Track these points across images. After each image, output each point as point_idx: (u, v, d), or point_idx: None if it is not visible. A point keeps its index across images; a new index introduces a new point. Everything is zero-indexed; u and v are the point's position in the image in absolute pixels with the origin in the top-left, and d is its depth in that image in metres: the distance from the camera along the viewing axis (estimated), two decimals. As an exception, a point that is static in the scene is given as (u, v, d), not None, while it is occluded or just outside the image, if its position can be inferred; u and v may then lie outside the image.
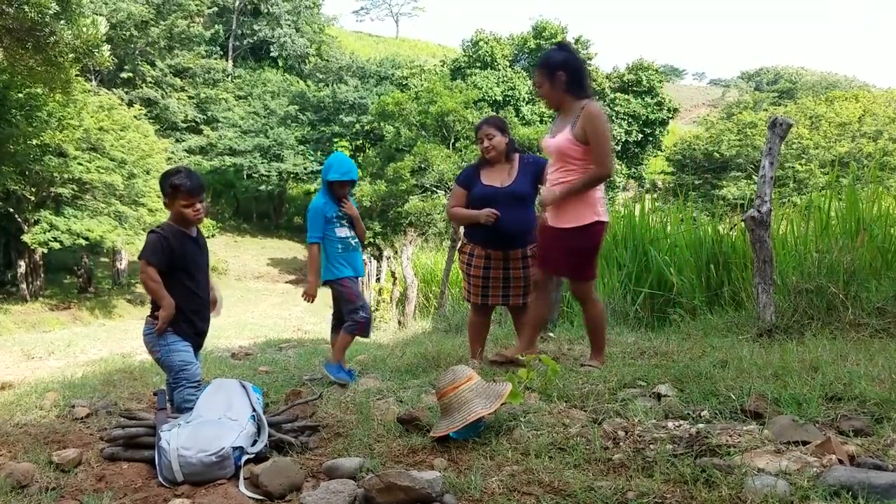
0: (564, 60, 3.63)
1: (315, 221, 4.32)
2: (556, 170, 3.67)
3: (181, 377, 3.29)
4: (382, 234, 31.04)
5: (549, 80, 3.64)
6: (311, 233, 4.34)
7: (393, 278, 14.05)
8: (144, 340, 3.40)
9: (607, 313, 3.88)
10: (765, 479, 1.95)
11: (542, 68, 3.67)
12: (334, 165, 4.37)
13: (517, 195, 4.09)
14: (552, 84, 3.64)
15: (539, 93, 3.77)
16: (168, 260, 3.28)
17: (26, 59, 16.29)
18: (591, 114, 3.50)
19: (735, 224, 6.56)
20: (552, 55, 3.72)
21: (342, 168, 4.35)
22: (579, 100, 3.61)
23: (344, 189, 4.42)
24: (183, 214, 3.35)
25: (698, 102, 75.26)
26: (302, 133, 39.71)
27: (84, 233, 22.26)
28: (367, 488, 2.16)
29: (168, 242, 3.29)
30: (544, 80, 3.66)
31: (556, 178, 3.66)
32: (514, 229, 4.08)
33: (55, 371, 6.83)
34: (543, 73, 3.66)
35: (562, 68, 3.61)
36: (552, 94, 3.67)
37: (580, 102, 3.59)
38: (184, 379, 3.28)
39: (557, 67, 3.62)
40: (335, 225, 4.35)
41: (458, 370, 2.85)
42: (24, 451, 2.92)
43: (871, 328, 4.30)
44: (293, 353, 7.34)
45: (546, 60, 3.70)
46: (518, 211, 4.08)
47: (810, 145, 36.27)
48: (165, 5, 36.95)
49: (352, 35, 74.82)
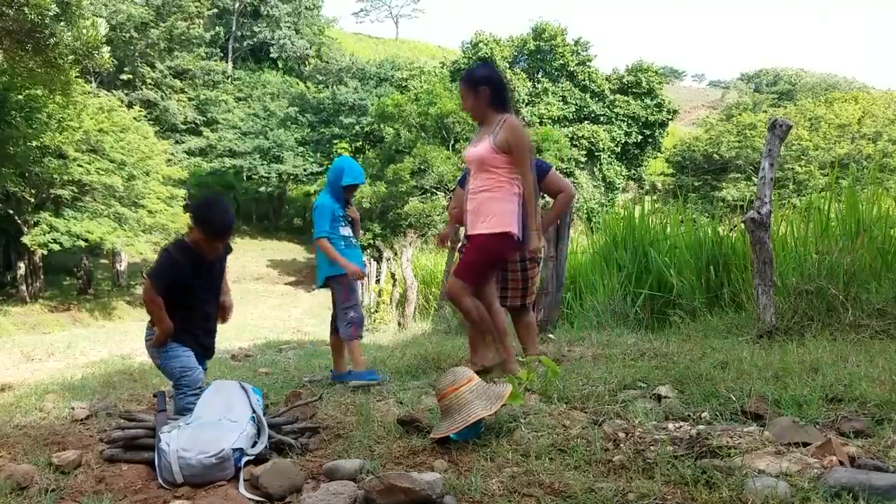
0: (488, 76, 3.77)
1: (324, 216, 4.38)
2: (477, 178, 3.77)
3: (181, 383, 3.28)
4: (382, 235, 31.05)
5: (473, 94, 3.76)
6: (320, 227, 4.38)
7: (393, 280, 14.05)
8: (146, 346, 3.41)
9: (496, 317, 3.88)
10: (765, 480, 1.95)
11: (467, 83, 3.78)
12: (346, 170, 4.43)
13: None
14: (476, 98, 3.75)
15: (463, 105, 3.90)
16: (175, 283, 3.26)
17: (26, 60, 16.31)
18: (512, 126, 3.65)
19: (735, 225, 6.57)
20: (476, 71, 3.84)
21: (354, 172, 4.44)
22: (500, 113, 3.74)
23: (352, 192, 4.52)
24: (201, 249, 3.32)
25: (698, 104, 75.30)
26: (302, 135, 39.73)
27: (84, 234, 22.27)
28: (367, 490, 2.15)
29: (178, 268, 3.24)
30: (469, 94, 3.77)
31: (479, 186, 3.75)
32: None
33: (55, 373, 6.82)
34: (468, 88, 3.77)
35: (485, 83, 3.73)
36: (476, 107, 3.79)
37: (501, 116, 3.72)
38: (185, 385, 3.26)
39: (481, 82, 3.74)
40: (339, 224, 4.43)
41: (459, 371, 2.84)
42: (23, 453, 2.92)
43: (871, 329, 4.31)
44: (293, 354, 7.35)
45: (471, 76, 3.81)
46: None
47: (810, 147, 36.32)
48: (165, 7, 36.99)
49: (351, 37, 74.84)
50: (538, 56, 40.74)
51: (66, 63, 16.34)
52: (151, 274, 3.26)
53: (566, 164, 34.66)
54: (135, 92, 36.19)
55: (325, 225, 4.37)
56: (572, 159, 36.26)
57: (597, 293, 6.90)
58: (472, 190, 3.79)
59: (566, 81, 40.22)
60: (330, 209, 4.39)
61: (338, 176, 4.44)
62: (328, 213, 4.38)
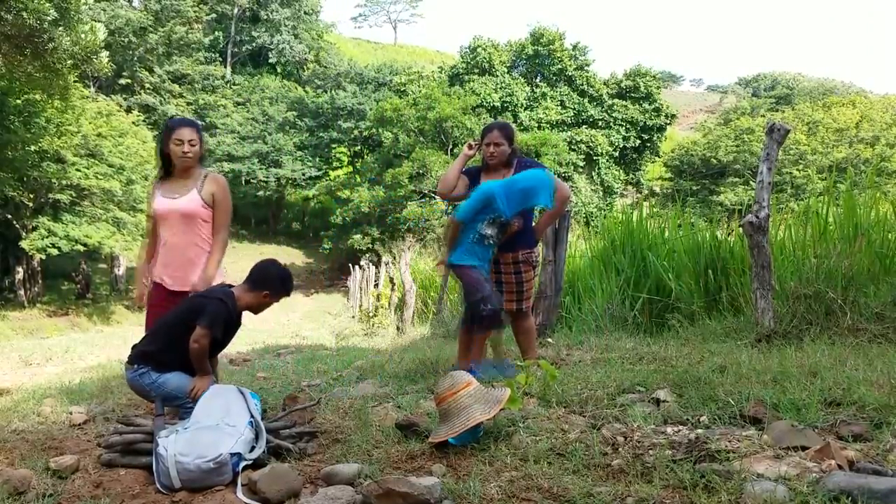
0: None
1: (478, 202, 4.00)
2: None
3: (187, 402, 3.26)
4: (381, 239, 31.04)
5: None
6: (464, 209, 4.04)
7: (391, 284, 14.05)
8: (132, 386, 3.37)
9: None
10: (764, 484, 1.95)
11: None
12: (546, 191, 4.01)
13: None
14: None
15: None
16: (225, 331, 3.32)
17: (25, 65, 16.31)
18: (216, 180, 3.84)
19: (733, 229, 6.57)
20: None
21: (548, 197, 4.03)
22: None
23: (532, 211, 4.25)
24: (257, 308, 3.43)
25: (696, 108, 75.50)
26: (300, 139, 39.75)
27: (82, 239, 22.24)
28: (365, 494, 2.15)
29: (231, 319, 3.34)
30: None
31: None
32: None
33: (53, 377, 6.81)
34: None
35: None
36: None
37: (203, 171, 3.86)
38: (188, 404, 3.25)
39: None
40: (487, 218, 4.01)
41: (457, 375, 2.84)
42: (21, 458, 2.91)
43: (869, 333, 4.30)
44: (291, 358, 7.34)
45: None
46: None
47: (808, 151, 36.39)
48: (164, 12, 37.05)
49: (350, 41, 74.99)
50: (536, 61, 40.84)
51: (64, 68, 16.32)
52: (207, 321, 3.19)
53: (564, 169, 34.70)
54: (133, 96, 36.24)
55: (470, 211, 4.00)
56: (571, 163, 36.31)
57: (595, 297, 6.90)
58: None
59: (564, 86, 40.31)
60: (490, 199, 3.95)
61: (536, 194, 3.98)
62: (484, 201, 3.96)
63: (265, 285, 3.40)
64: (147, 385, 3.28)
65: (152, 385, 3.27)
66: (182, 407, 3.29)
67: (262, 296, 3.40)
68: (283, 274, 3.49)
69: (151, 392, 3.28)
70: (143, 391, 3.33)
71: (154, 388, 3.26)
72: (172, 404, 3.28)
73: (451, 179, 4.24)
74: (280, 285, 3.43)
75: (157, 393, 3.24)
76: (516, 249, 4.16)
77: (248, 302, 3.41)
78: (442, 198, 4.43)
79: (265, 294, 3.41)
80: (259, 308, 3.45)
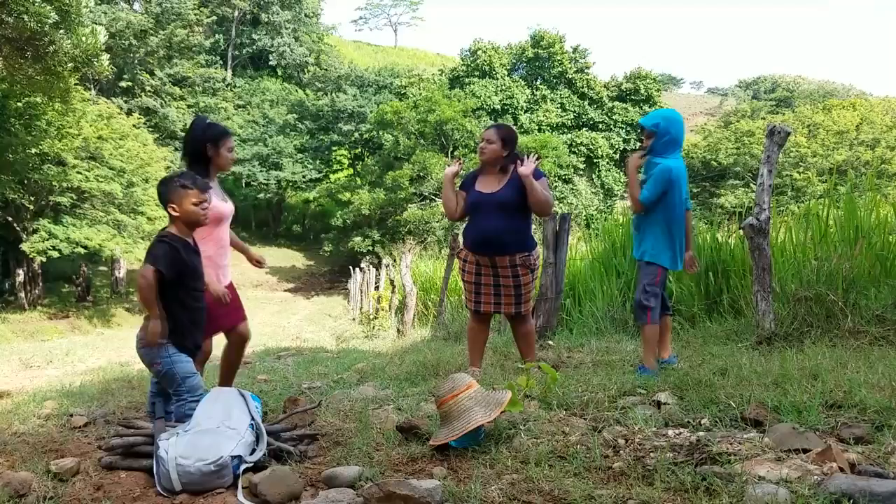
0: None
1: (661, 182, 3.82)
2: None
3: (182, 390, 3.23)
4: (381, 242, 31.07)
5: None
6: (648, 190, 3.89)
7: (392, 286, 14.04)
8: (140, 353, 3.28)
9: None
10: (765, 487, 1.95)
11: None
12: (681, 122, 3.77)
13: (501, 203, 4.08)
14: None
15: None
16: (176, 270, 3.22)
17: (25, 68, 16.33)
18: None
19: (734, 232, 6.57)
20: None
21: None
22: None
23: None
24: (193, 215, 3.26)
25: (696, 111, 75.48)
26: (301, 141, 39.82)
27: (83, 241, 22.25)
28: (366, 497, 2.15)
29: (178, 253, 3.21)
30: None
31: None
32: (494, 236, 4.08)
33: (53, 380, 6.81)
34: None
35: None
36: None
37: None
38: (185, 391, 3.21)
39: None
40: (681, 193, 3.80)
41: (458, 378, 2.84)
42: (21, 461, 2.91)
43: (870, 336, 4.30)
44: (292, 361, 7.33)
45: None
46: (500, 218, 4.07)
47: (808, 153, 36.41)
48: (165, 15, 37.11)
49: (351, 44, 75.11)
50: (537, 63, 40.93)
51: (65, 70, 16.35)
52: (150, 260, 3.12)
53: (565, 171, 34.76)
54: (134, 99, 36.27)
55: (654, 191, 3.84)
56: (571, 166, 36.37)
57: (596, 299, 6.90)
58: None
59: (565, 88, 40.39)
60: (675, 175, 3.72)
61: (679, 129, 3.78)
62: (667, 177, 3.75)
63: (167, 196, 3.25)
64: (160, 357, 3.22)
65: (163, 358, 3.23)
66: (175, 393, 3.24)
67: (175, 205, 3.24)
68: (171, 176, 3.34)
69: (160, 366, 3.19)
70: (152, 362, 3.25)
71: (164, 363, 3.22)
72: (169, 387, 3.24)
73: (449, 203, 4.30)
74: (175, 184, 3.25)
75: (164, 367, 3.18)
76: (513, 253, 4.12)
77: (179, 223, 3.26)
78: (455, 221, 4.46)
79: (173, 204, 3.24)
80: (193, 215, 3.26)
